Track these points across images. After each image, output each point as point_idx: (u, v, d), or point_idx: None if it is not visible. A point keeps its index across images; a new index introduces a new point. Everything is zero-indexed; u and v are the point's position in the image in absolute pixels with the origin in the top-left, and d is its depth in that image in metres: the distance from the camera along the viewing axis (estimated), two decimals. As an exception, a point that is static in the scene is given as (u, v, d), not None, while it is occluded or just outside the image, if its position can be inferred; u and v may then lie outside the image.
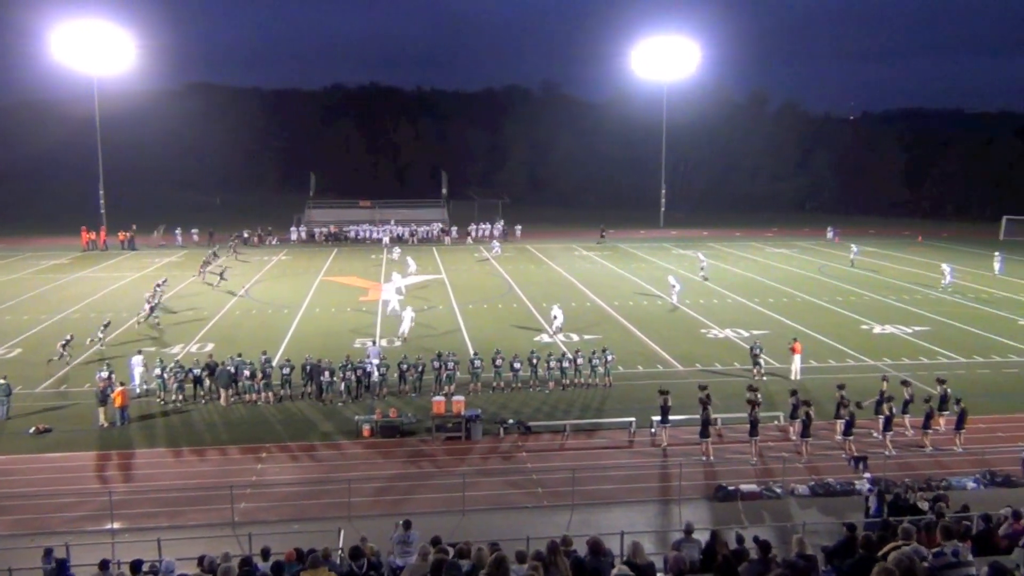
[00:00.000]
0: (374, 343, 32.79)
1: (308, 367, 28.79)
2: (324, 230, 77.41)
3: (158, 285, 43.52)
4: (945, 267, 51.91)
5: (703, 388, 25.13)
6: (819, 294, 48.30)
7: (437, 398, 26.10)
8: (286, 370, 28.73)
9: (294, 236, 76.61)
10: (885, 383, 25.79)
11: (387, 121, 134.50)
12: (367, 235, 76.99)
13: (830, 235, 77.72)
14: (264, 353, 29.82)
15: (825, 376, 30.85)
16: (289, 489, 21.29)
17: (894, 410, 24.45)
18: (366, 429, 25.10)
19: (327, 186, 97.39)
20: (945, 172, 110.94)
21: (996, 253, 58.59)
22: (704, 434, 23.35)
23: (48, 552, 15.54)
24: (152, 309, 39.98)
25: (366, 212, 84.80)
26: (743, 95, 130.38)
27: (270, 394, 28.18)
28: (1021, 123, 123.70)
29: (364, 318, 41.48)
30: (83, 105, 78.96)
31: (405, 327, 36.80)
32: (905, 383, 26.22)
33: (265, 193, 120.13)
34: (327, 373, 28.35)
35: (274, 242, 74.54)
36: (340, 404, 27.91)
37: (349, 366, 28.66)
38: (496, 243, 68.67)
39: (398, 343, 35.63)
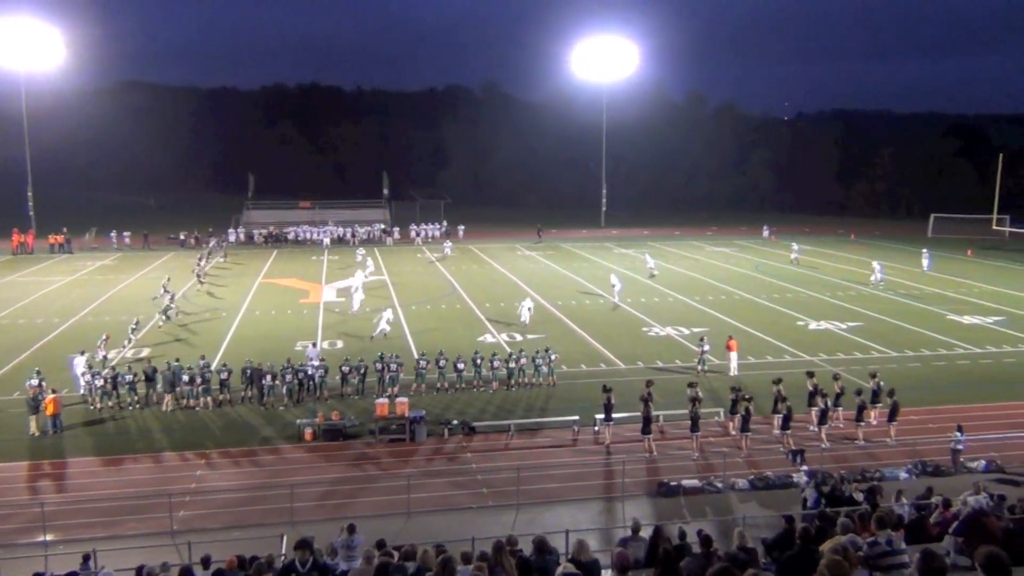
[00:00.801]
0: (314, 345, 32.44)
1: (248, 371, 28.36)
2: (263, 231, 76.39)
3: (163, 286, 44.09)
4: (875, 264, 53.43)
5: (649, 384, 25.41)
6: (757, 291, 49.26)
7: (380, 400, 25.92)
8: (224, 374, 28.23)
9: (232, 238, 75.34)
10: (812, 378, 26.43)
11: (328, 121, 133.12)
12: (307, 236, 76.11)
13: (766, 234, 79.51)
14: (203, 358, 29.31)
15: (763, 372, 31.48)
16: (230, 496, 20.92)
17: (828, 403, 25.08)
18: (308, 433, 24.80)
19: (266, 187, 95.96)
20: (877, 172, 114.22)
21: (924, 250, 60.52)
22: (646, 431, 23.64)
23: (-24, 567, 15.02)
24: (167, 310, 40.30)
25: (306, 213, 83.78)
26: (681, 95, 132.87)
27: (209, 399, 27.68)
28: (949, 124, 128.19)
29: (305, 321, 41.01)
30: (10, 104, 76.30)
31: (382, 327, 37.07)
32: (835, 377, 26.96)
33: (202, 194, 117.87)
34: (268, 377, 27.96)
35: (211, 244, 73.22)
36: (281, 408, 27.56)
37: (290, 369, 28.31)
38: (448, 244, 68.18)
39: (339, 344, 35.32)
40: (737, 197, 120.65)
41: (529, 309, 40.25)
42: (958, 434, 22.98)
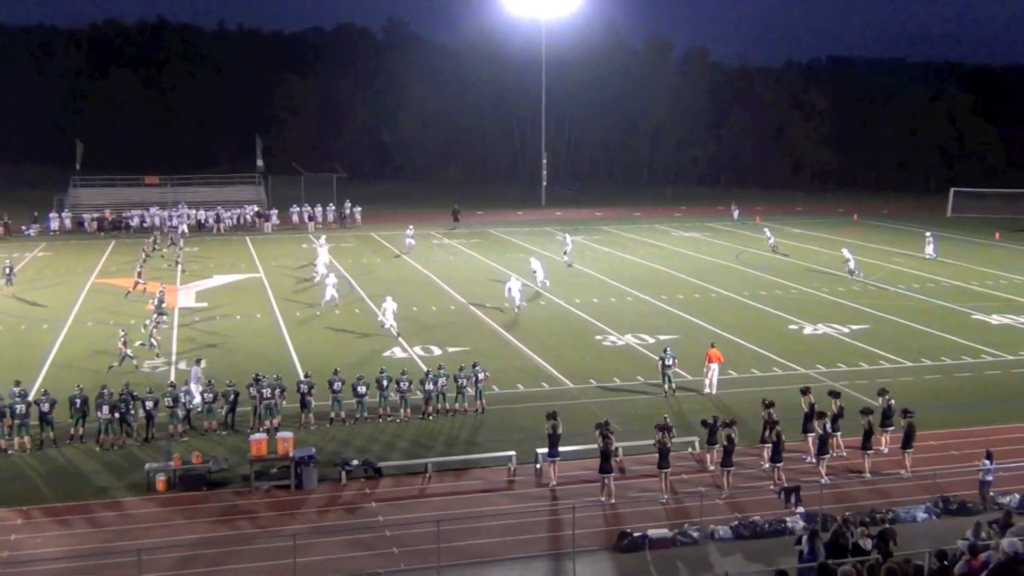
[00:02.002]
0: (198, 362, 31.74)
1: (78, 400, 27.78)
2: (96, 216, 74.88)
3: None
4: (846, 252, 55.08)
5: (606, 426, 25.51)
6: (739, 288, 50.23)
7: (256, 436, 25.66)
8: (45, 406, 27.57)
9: (55, 224, 73.52)
10: (808, 396, 26.99)
11: (180, 71, 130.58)
12: (155, 222, 74.79)
13: (735, 215, 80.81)
14: (17, 384, 28.56)
15: (748, 390, 32.08)
16: (56, 566, 20.46)
17: (827, 427, 25.63)
18: (161, 481, 24.41)
19: (99, 157, 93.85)
20: (884, 135, 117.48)
21: (928, 234, 62.27)
22: (604, 469, 23.75)
23: None
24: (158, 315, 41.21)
25: (154, 192, 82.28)
26: (640, 40, 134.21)
27: (26, 439, 27.07)
28: (972, 74, 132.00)
29: (159, 332, 40.42)
30: None
31: (389, 318, 39.98)
32: (835, 394, 27.52)
33: (12, 168, 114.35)
34: (105, 409, 27.39)
35: (30, 232, 71.30)
36: (118, 448, 27.18)
37: (129, 397, 27.80)
38: (410, 233, 64.26)
39: (203, 363, 34.81)
40: (712, 169, 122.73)
41: (522, 288, 44.76)
42: (987, 462, 23.63)
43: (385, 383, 29.78)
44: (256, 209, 78.57)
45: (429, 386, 29.98)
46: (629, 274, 54.42)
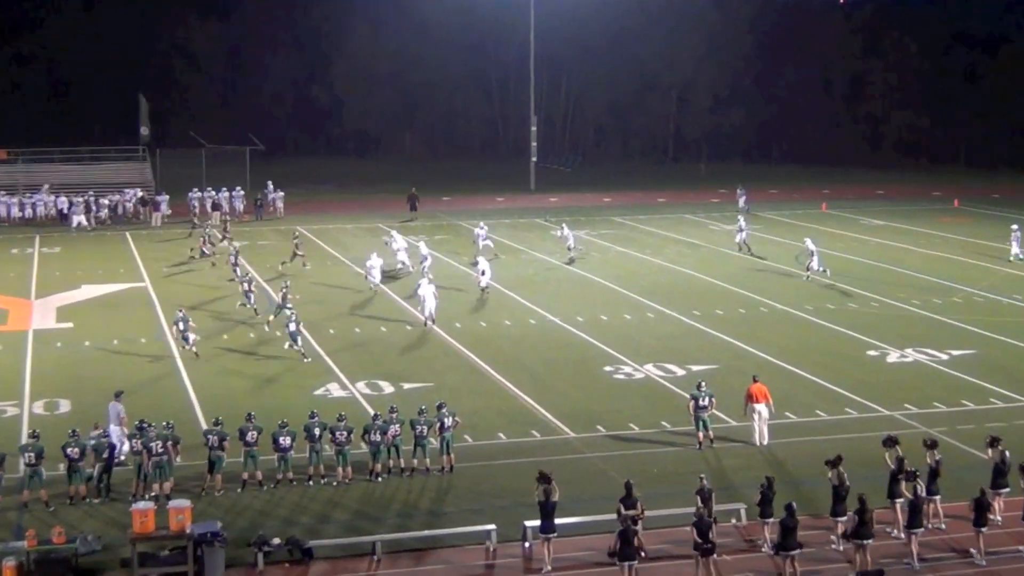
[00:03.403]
0: (118, 396, 31.54)
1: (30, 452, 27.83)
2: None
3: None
4: (809, 243, 55.40)
5: (632, 523, 25.25)
6: (798, 300, 50.25)
7: (140, 505, 25.33)
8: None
9: None
10: (895, 449, 26.86)
11: (35, 7, 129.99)
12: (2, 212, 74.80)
13: (741, 202, 79.38)
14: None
15: (811, 439, 31.95)
16: None
17: (920, 490, 25.52)
18: (9, 568, 24.18)
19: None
20: (994, 91, 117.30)
21: (1013, 227, 62.22)
22: (625, 556, 23.34)
23: None
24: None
25: (0, 169, 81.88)
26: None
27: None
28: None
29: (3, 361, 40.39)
30: None
31: (431, 305, 45.17)
32: (930, 444, 27.33)
33: None
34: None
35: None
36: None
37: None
38: (483, 234, 62.85)
39: (64, 407, 34.65)
40: (759, 138, 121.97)
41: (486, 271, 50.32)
42: None
43: (317, 432, 29.53)
44: (140, 194, 78.11)
45: (377, 436, 29.65)
46: (650, 281, 54.42)
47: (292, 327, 41.08)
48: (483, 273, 50.75)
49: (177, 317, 41.67)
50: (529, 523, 25.24)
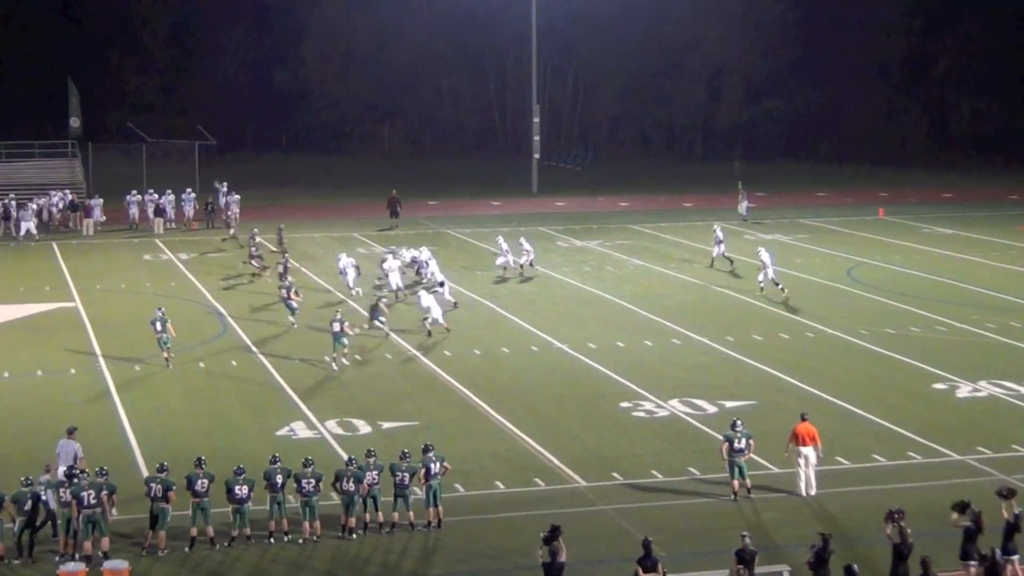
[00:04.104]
0: (71, 433, 31.54)
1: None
2: None
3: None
4: (763, 254, 55.55)
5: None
6: (851, 323, 50.09)
7: (69, 566, 25.38)
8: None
9: None
10: (966, 513, 26.49)
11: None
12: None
13: (743, 208, 79.35)
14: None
15: (867, 489, 31.74)
16: None
17: (996, 551, 25.24)
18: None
19: None
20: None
21: None
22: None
23: None
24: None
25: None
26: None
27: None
28: None
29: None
30: None
31: (436, 312, 47.09)
32: (1006, 494, 26.92)
33: None
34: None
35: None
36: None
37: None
38: (527, 247, 61.49)
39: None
40: (802, 131, 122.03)
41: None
42: None
43: (280, 480, 29.38)
44: (70, 197, 78.66)
45: (350, 485, 29.49)
46: (675, 301, 54.42)
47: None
48: (428, 310, 48.11)
49: (155, 316, 43.40)
50: (534, 590, 25.03)
